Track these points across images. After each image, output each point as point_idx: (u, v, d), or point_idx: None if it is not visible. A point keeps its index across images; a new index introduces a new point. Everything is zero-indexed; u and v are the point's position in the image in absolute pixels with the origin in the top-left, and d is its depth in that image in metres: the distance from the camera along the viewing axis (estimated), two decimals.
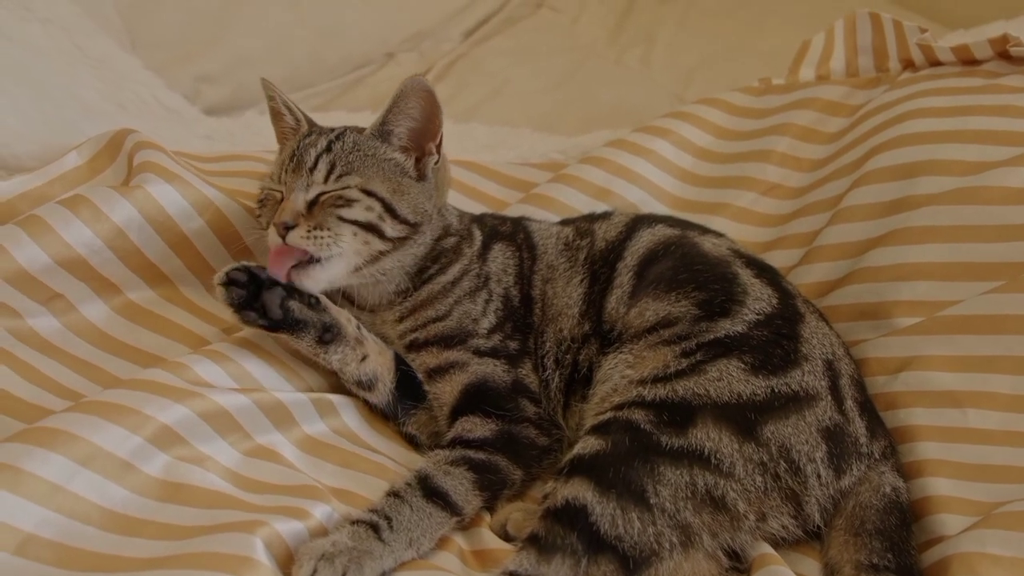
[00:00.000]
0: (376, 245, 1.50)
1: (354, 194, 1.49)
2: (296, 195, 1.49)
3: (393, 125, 1.55)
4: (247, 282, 1.45)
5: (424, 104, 1.53)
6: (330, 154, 1.52)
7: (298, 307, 1.46)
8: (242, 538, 1.18)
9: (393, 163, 1.55)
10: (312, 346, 1.48)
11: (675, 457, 1.29)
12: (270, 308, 1.45)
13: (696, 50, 3.09)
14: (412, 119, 1.54)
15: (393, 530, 1.27)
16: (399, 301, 1.57)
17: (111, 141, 1.69)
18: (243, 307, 1.45)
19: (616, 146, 2.02)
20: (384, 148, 1.55)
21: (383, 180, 1.52)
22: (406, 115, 1.54)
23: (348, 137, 1.55)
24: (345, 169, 1.51)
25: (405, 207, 1.53)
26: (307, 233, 1.45)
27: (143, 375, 1.36)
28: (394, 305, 1.57)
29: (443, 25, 3.11)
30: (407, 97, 1.52)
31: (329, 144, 1.53)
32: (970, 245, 1.59)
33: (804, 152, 1.98)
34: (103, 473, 1.22)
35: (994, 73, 1.84)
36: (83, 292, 1.54)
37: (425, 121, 1.55)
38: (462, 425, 1.47)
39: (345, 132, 1.57)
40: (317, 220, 1.46)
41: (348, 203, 1.48)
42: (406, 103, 1.53)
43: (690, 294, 1.47)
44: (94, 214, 1.53)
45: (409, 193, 1.54)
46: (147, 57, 2.44)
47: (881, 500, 1.35)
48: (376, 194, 1.51)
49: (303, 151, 1.53)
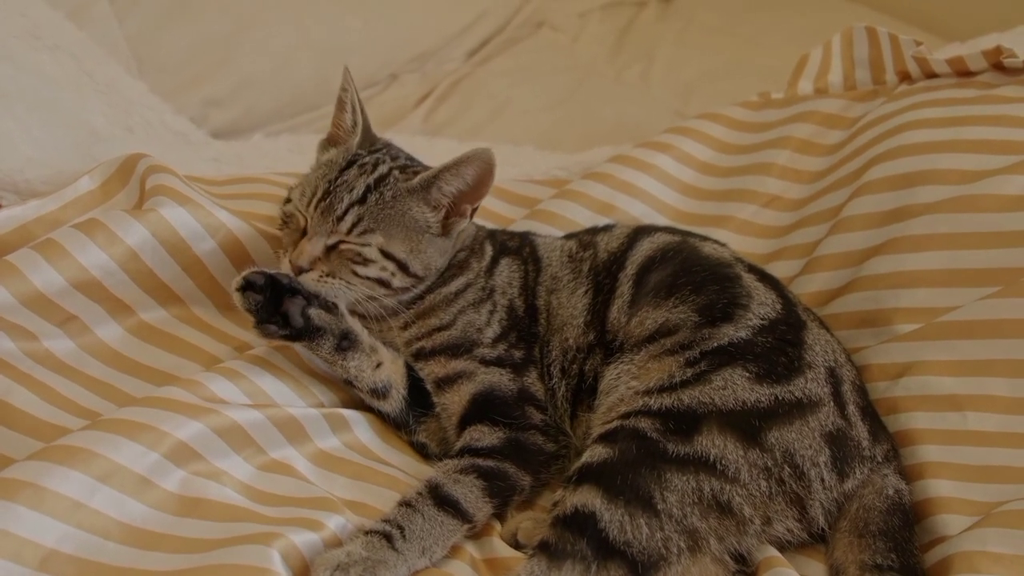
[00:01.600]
0: (378, 291, 1.54)
1: (373, 254, 1.51)
2: (317, 240, 1.50)
3: (444, 184, 1.55)
4: (264, 285, 1.46)
5: (481, 175, 1.55)
6: (362, 207, 1.52)
7: (317, 314, 1.48)
8: (259, 550, 1.20)
9: (421, 221, 1.56)
10: (331, 354, 1.49)
11: (681, 464, 1.31)
12: (292, 316, 1.46)
13: (695, 66, 3.10)
14: (464, 183, 1.56)
15: (406, 539, 1.29)
16: (404, 310, 1.59)
17: (123, 165, 1.70)
18: (263, 320, 1.46)
19: (618, 162, 2.03)
20: (418, 205, 1.56)
21: (404, 239, 1.54)
22: (460, 178, 1.55)
23: (387, 189, 1.54)
24: (371, 226, 1.51)
25: (418, 265, 1.55)
26: (319, 279, 1.49)
27: (158, 393, 1.39)
28: (399, 313, 1.59)
29: (446, 46, 3.13)
30: (469, 164, 1.54)
31: (365, 194, 1.53)
32: (968, 252, 1.60)
33: (804, 164, 1.99)
34: (122, 489, 1.24)
35: (989, 84, 1.86)
36: (98, 314, 1.56)
37: (474, 188, 1.57)
38: (470, 435, 1.49)
39: (387, 179, 1.56)
40: (332, 267, 1.50)
41: (365, 262, 1.51)
42: (465, 169, 1.54)
43: (688, 298, 1.48)
44: (109, 237, 1.54)
45: (426, 252, 1.57)
46: (154, 82, 2.46)
47: (884, 502, 1.37)
48: (394, 256, 1.53)
49: (338, 193, 1.52)
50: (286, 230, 1.58)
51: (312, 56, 2.74)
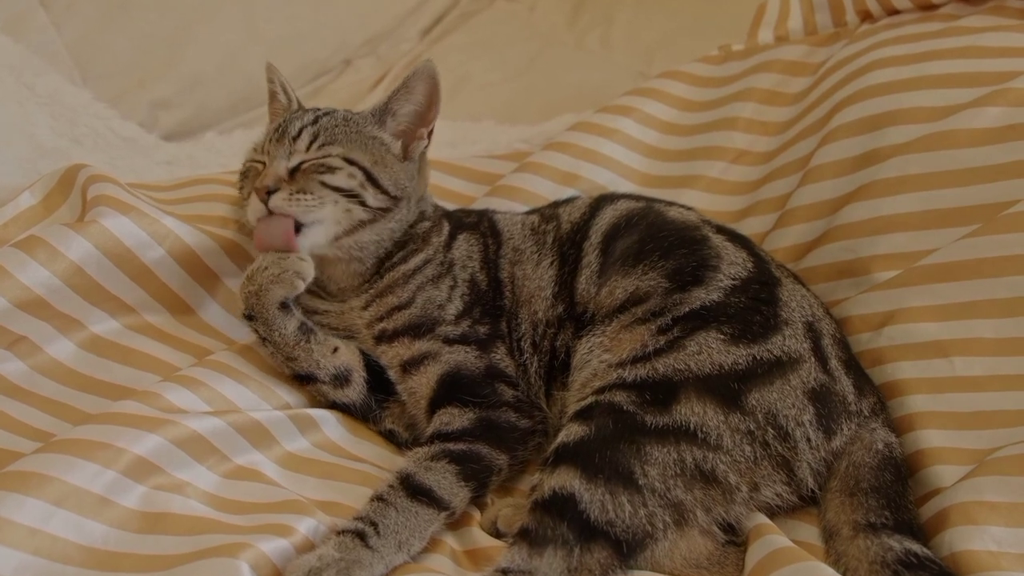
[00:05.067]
0: (357, 214, 1.52)
1: (336, 162, 1.52)
2: (278, 162, 1.52)
3: (396, 106, 1.59)
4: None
5: (429, 90, 1.58)
6: (315, 126, 1.56)
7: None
8: (227, 563, 1.16)
9: (378, 141, 1.59)
10: (295, 335, 1.48)
11: (661, 435, 1.28)
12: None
13: (656, 27, 3.06)
14: (415, 102, 1.59)
15: (380, 535, 1.25)
16: (365, 288, 1.57)
17: (63, 177, 1.66)
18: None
19: (579, 129, 2.00)
20: (373, 127, 1.59)
21: (365, 152, 1.56)
22: (410, 98, 1.59)
23: (338, 113, 1.60)
24: (328, 139, 1.54)
25: (386, 179, 1.56)
26: (289, 196, 1.48)
27: (113, 408, 1.35)
28: (360, 292, 1.57)
29: (399, 26, 3.07)
30: (416, 80, 1.57)
31: (316, 118, 1.58)
32: (942, 191, 1.58)
33: (769, 116, 1.96)
34: (79, 511, 1.20)
35: (952, 16, 1.83)
36: (47, 332, 1.51)
37: (426, 106, 1.60)
38: (440, 419, 1.45)
39: (336, 110, 1.62)
40: (300, 185, 1.50)
41: (331, 169, 1.51)
42: (414, 85, 1.58)
43: (657, 264, 1.45)
44: (50, 254, 1.50)
45: (391, 168, 1.57)
46: (100, 88, 2.41)
47: (874, 457, 1.33)
48: (358, 163, 1.54)
49: (289, 123, 1.57)
50: (246, 181, 1.59)
51: (262, 48, 2.68)
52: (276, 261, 1.48)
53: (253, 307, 1.48)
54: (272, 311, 1.48)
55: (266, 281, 1.47)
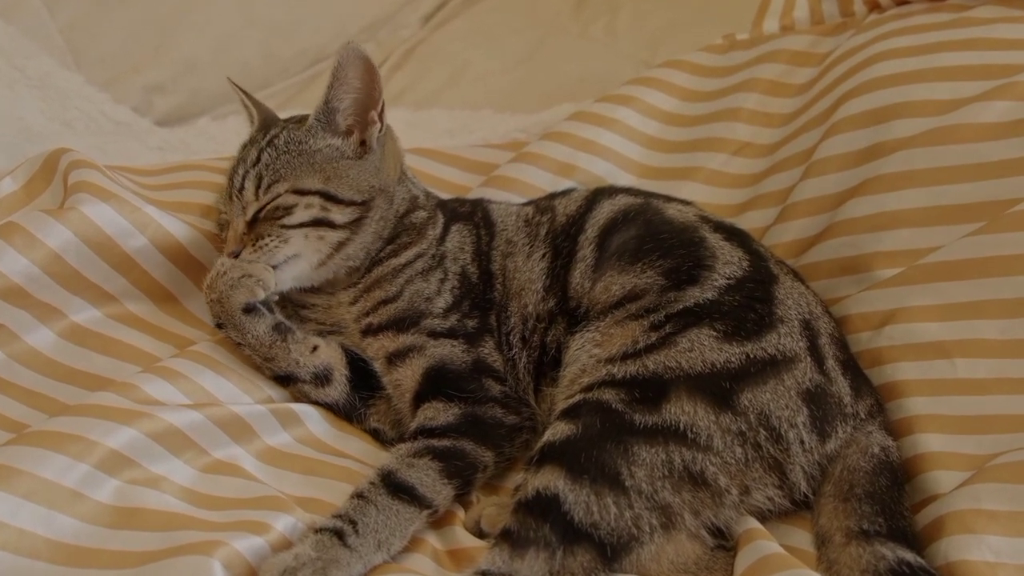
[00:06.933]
0: (332, 237, 1.49)
1: (288, 199, 1.48)
2: (236, 221, 1.49)
3: (336, 102, 1.52)
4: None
5: (362, 71, 1.50)
6: (257, 166, 1.50)
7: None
8: (199, 561, 1.13)
9: (327, 150, 1.52)
10: (269, 334, 1.46)
11: (649, 435, 1.24)
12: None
13: (661, 16, 3.00)
14: (353, 89, 1.51)
15: (359, 534, 1.22)
16: (353, 282, 1.54)
17: (46, 162, 1.62)
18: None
19: (578, 119, 1.96)
20: (318, 136, 1.52)
21: (315, 173, 1.49)
22: (347, 87, 1.51)
23: (280, 139, 1.52)
24: (273, 178, 1.49)
25: (347, 190, 1.50)
26: (253, 250, 1.46)
27: (89, 400, 1.32)
28: (349, 287, 1.55)
29: (399, 12, 3.02)
30: (345, 67, 1.49)
31: (259, 155, 1.51)
32: (948, 187, 1.54)
33: (773, 107, 1.92)
34: (49, 505, 1.18)
35: (961, 6, 1.79)
36: (25, 320, 1.48)
37: (366, 89, 1.52)
38: (424, 413, 1.43)
39: (279, 134, 1.53)
40: (259, 231, 1.47)
41: (286, 210, 1.48)
42: (345, 74, 1.50)
43: (655, 263, 1.42)
44: (28, 241, 1.47)
45: (348, 175, 1.51)
46: (92, 73, 2.39)
47: (870, 461, 1.30)
48: (309, 190, 1.48)
49: (234, 172, 1.53)
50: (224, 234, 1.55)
51: (258, 33, 2.66)
52: (235, 266, 1.46)
53: (219, 315, 1.46)
54: (238, 317, 1.45)
55: (226, 287, 1.44)
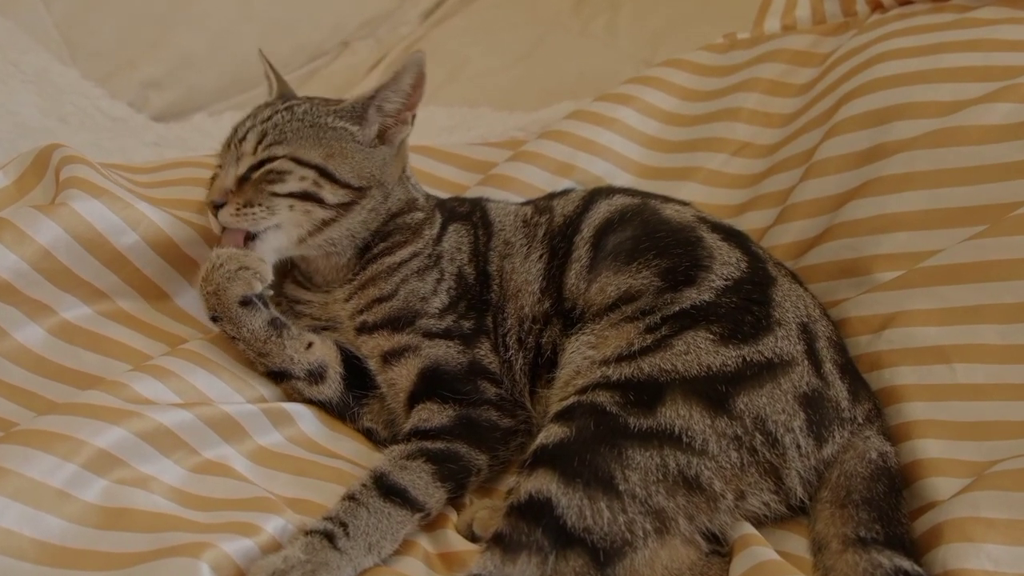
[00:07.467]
0: (318, 214, 1.48)
1: (284, 165, 1.46)
2: (227, 171, 1.48)
3: (383, 100, 1.53)
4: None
5: (416, 79, 1.53)
6: (266, 123, 1.50)
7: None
8: (187, 564, 1.12)
9: (339, 131, 1.52)
10: (264, 329, 1.44)
11: (644, 439, 1.22)
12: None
13: (662, 14, 3.00)
14: (403, 95, 1.54)
15: (350, 537, 1.21)
16: (349, 279, 1.53)
17: (38, 158, 1.60)
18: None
19: (577, 118, 1.94)
20: (336, 119, 1.52)
21: (318, 146, 1.49)
22: (399, 92, 1.53)
23: (300, 108, 1.53)
24: (276, 138, 1.48)
25: (346, 171, 1.49)
26: (236, 211, 1.44)
27: (78, 398, 1.30)
28: (344, 284, 1.53)
29: (399, 8, 3.02)
30: (404, 73, 1.51)
31: (272, 114, 1.52)
32: (950, 190, 1.52)
33: (774, 107, 1.90)
34: (36, 505, 1.16)
35: (965, 7, 1.77)
36: (14, 317, 1.46)
37: (413, 95, 1.54)
38: (419, 415, 1.41)
39: (302, 104, 1.54)
40: (247, 197, 1.45)
41: (280, 176, 1.46)
42: (402, 78, 1.52)
43: (651, 263, 1.41)
44: (17, 237, 1.45)
45: (352, 158, 1.50)
46: (89, 67, 2.38)
47: (867, 467, 1.28)
48: (307, 162, 1.47)
49: (240, 125, 1.53)
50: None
51: (256, 29, 2.64)
52: (232, 257, 1.43)
53: (215, 308, 1.44)
54: (235, 309, 1.43)
55: (222, 279, 1.42)
